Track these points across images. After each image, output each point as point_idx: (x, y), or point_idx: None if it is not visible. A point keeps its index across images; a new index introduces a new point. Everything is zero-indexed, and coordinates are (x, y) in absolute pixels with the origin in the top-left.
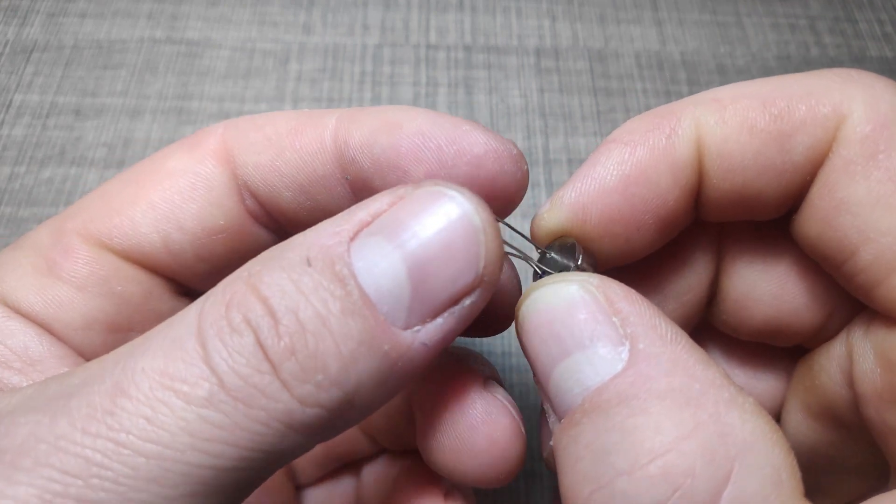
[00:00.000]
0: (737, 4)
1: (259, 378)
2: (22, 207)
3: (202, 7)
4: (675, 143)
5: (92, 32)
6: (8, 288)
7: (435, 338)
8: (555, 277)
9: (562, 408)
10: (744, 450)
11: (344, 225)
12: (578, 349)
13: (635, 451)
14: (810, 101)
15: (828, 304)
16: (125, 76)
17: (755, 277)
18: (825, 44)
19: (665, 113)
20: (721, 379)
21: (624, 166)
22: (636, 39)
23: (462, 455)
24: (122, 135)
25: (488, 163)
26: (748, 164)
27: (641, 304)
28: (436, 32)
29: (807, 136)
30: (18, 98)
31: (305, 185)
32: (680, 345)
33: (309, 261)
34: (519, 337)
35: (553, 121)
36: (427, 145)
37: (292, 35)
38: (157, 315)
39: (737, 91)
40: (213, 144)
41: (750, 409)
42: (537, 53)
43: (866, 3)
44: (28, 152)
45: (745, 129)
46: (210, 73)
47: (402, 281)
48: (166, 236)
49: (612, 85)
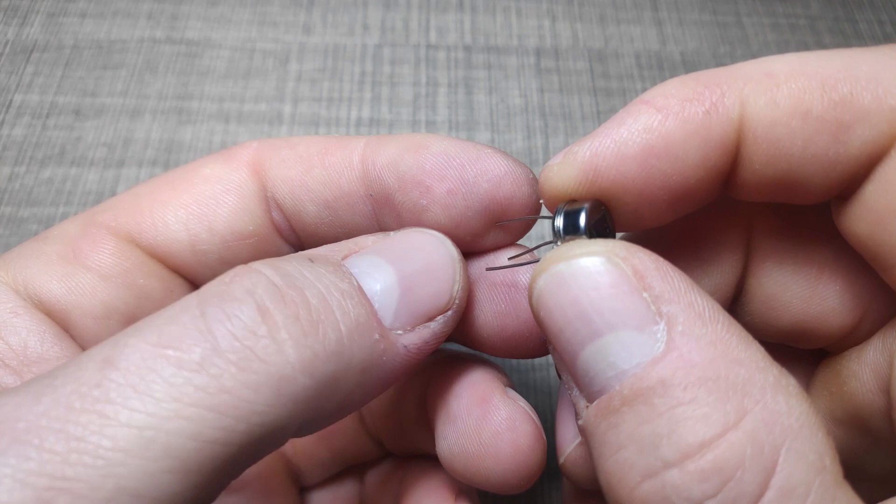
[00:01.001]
0: (737, 4)
1: (254, 341)
2: (22, 207)
3: (202, 7)
4: (713, 121)
5: (92, 32)
6: (30, 274)
7: (415, 344)
8: (576, 247)
9: (592, 389)
10: (790, 436)
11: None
12: (609, 330)
13: (685, 443)
14: (878, 88)
15: (860, 306)
16: (125, 76)
17: (785, 278)
18: (825, 44)
19: (710, 82)
20: (764, 359)
21: (649, 135)
22: (636, 39)
23: (486, 461)
24: (122, 135)
25: (507, 183)
26: (795, 153)
27: (674, 277)
28: (436, 32)
29: (868, 128)
30: (18, 98)
31: (330, 200)
32: (719, 323)
33: (311, 258)
34: (535, 313)
35: (553, 121)
36: (451, 164)
37: (292, 35)
38: None
39: (795, 66)
40: (248, 157)
41: (794, 393)
42: (537, 53)
43: (866, 3)
44: (28, 152)
45: (798, 113)
46: (210, 73)
47: (393, 286)
48: (195, 236)
49: (612, 85)
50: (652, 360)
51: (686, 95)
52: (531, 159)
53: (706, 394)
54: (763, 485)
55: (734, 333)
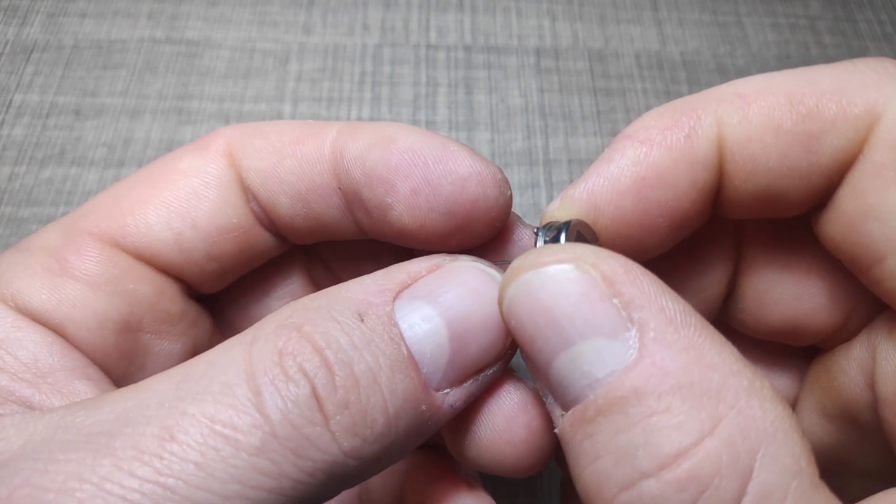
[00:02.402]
0: (737, 4)
1: (311, 429)
2: (22, 207)
3: (202, 7)
4: (695, 144)
5: (92, 32)
6: (18, 289)
7: (460, 401)
8: (543, 254)
9: (566, 398)
10: (765, 441)
11: (387, 284)
12: (581, 339)
13: (661, 454)
14: (841, 99)
15: (847, 303)
16: (125, 76)
17: (775, 276)
18: (825, 44)
19: (685, 108)
20: (737, 362)
21: (639, 167)
22: (636, 39)
23: (500, 446)
24: (122, 135)
25: (471, 185)
26: (772, 166)
27: (644, 282)
28: (436, 32)
29: (836, 137)
30: (18, 98)
31: (303, 192)
32: (691, 327)
33: (360, 316)
34: (507, 321)
35: (553, 121)
36: (415, 162)
37: (292, 35)
38: (168, 316)
39: (762, 85)
40: (221, 146)
41: (769, 396)
42: (537, 53)
43: (866, 3)
44: (28, 152)
45: (770, 129)
46: (210, 73)
47: (443, 346)
48: (179, 234)
49: (612, 85)
50: (625, 368)
51: (665, 125)
52: (531, 159)
53: (680, 401)
54: (740, 491)
55: (707, 337)
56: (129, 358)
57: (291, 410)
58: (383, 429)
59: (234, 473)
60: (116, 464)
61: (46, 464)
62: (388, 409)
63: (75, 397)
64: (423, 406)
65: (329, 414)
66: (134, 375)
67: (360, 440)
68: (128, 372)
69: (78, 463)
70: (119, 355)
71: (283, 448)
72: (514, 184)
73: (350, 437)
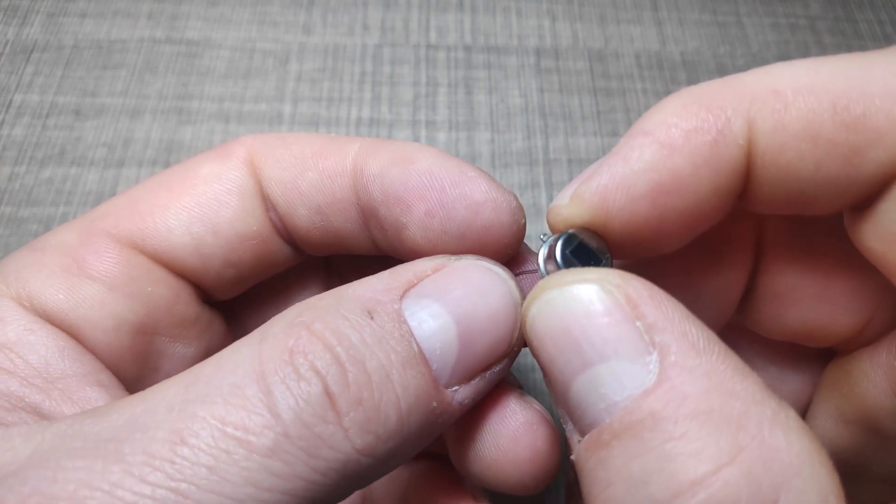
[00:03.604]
0: (737, 4)
1: (324, 427)
2: (22, 207)
3: (202, 7)
4: (721, 150)
5: (92, 32)
6: (34, 289)
7: (469, 398)
8: (568, 275)
9: (584, 422)
10: (790, 475)
11: (393, 283)
12: (601, 360)
13: (676, 482)
14: (893, 107)
15: (870, 305)
16: (125, 76)
17: (796, 274)
18: (825, 44)
19: (713, 104)
20: (761, 392)
21: (658, 174)
22: (636, 39)
23: (504, 465)
24: (122, 135)
25: (486, 211)
26: (806, 175)
27: (668, 306)
28: (436, 32)
29: (882, 151)
30: (18, 98)
31: (322, 205)
32: (714, 353)
33: (370, 313)
34: (529, 342)
35: (553, 121)
36: (432, 184)
37: (292, 35)
38: (183, 319)
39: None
40: (243, 154)
41: (794, 427)
42: (537, 53)
43: (866, 3)
44: (28, 152)
45: (808, 137)
46: (210, 73)
47: (452, 343)
48: (199, 239)
49: (612, 85)
50: (643, 391)
51: (690, 125)
52: (531, 159)
53: (699, 428)
54: None
55: (729, 364)
56: (143, 361)
57: (303, 409)
58: (396, 425)
59: (247, 476)
60: (127, 470)
61: (55, 472)
62: (400, 405)
63: (86, 404)
64: (434, 403)
65: (342, 411)
66: (147, 378)
67: (373, 437)
68: (141, 375)
69: (87, 470)
70: (133, 358)
71: (295, 448)
72: (514, 184)
73: (363, 434)
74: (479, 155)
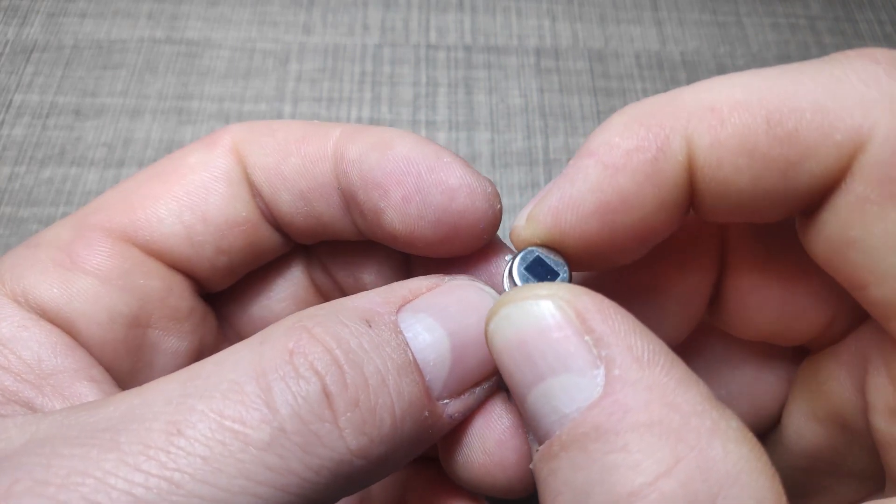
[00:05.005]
0: (737, 4)
1: (320, 425)
2: (22, 207)
3: (202, 7)
4: (662, 166)
5: (92, 32)
6: (28, 284)
7: (458, 412)
8: (523, 291)
9: (539, 433)
10: (727, 483)
11: (390, 297)
12: (552, 374)
13: (615, 493)
14: (823, 122)
15: (832, 306)
16: (125, 76)
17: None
18: (825, 44)
19: (653, 123)
20: (703, 403)
21: (603, 193)
22: (636, 39)
23: (491, 469)
24: (122, 135)
25: (461, 196)
26: (746, 189)
27: (616, 320)
28: (436, 32)
29: (816, 164)
30: (18, 98)
31: (305, 190)
32: (658, 366)
33: (368, 322)
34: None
35: (553, 121)
36: (408, 170)
37: (292, 35)
38: (177, 312)
39: (738, 96)
40: (229, 142)
41: (733, 437)
42: (537, 53)
43: (866, 3)
44: (28, 152)
45: (744, 152)
46: (210, 73)
47: (445, 356)
48: (190, 227)
49: (612, 85)
50: (589, 405)
51: (630, 145)
52: (531, 159)
53: (638, 440)
54: None
55: (673, 376)
56: (137, 354)
57: (301, 406)
58: (390, 430)
59: (242, 468)
60: (121, 458)
61: (49, 458)
62: (395, 410)
63: (77, 399)
64: (426, 412)
65: (339, 411)
66: (140, 372)
67: (367, 439)
68: (134, 369)
69: (81, 458)
70: (127, 351)
71: (291, 444)
72: (514, 184)
73: (358, 435)
74: (479, 155)
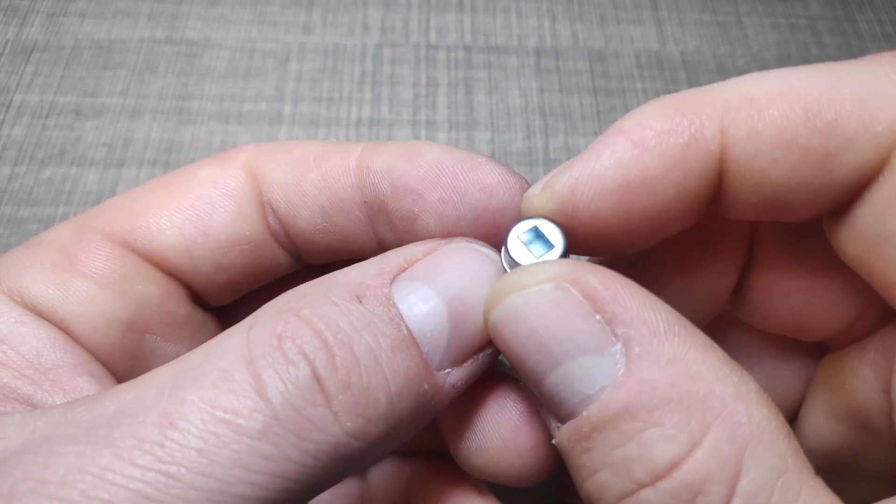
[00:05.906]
0: (737, 4)
1: (313, 410)
2: (22, 207)
3: (202, 7)
4: (692, 154)
5: (92, 32)
6: (25, 284)
7: (461, 381)
8: (524, 277)
9: (560, 412)
10: (752, 443)
11: (384, 267)
12: (568, 358)
13: (655, 465)
14: (863, 113)
15: (858, 304)
16: (125, 76)
17: (786, 269)
18: (825, 44)
19: (688, 110)
20: (723, 369)
21: (626, 170)
22: (636, 39)
23: (507, 456)
24: (122, 135)
25: (500, 193)
26: (780, 181)
27: (625, 295)
28: (436, 32)
29: (854, 155)
30: (18, 98)
31: (325, 206)
32: (676, 336)
33: (358, 298)
34: (496, 342)
35: (553, 121)
36: (444, 172)
37: (292, 35)
38: (173, 318)
39: (776, 87)
40: (244, 160)
41: (754, 399)
42: (537, 53)
43: (866, 3)
44: (28, 152)
45: (781, 142)
46: (210, 73)
47: (442, 325)
48: (190, 241)
49: (612, 85)
50: (614, 384)
51: (663, 127)
52: (531, 159)
53: (670, 415)
54: (729, 493)
55: (691, 345)
56: (134, 359)
57: (292, 393)
58: (386, 408)
59: (237, 458)
60: (117, 454)
61: (47, 457)
62: (390, 388)
63: (77, 394)
64: (426, 385)
65: (331, 395)
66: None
67: (363, 420)
68: (131, 373)
69: (78, 455)
70: (123, 355)
71: (285, 431)
72: None
73: (353, 417)
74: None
